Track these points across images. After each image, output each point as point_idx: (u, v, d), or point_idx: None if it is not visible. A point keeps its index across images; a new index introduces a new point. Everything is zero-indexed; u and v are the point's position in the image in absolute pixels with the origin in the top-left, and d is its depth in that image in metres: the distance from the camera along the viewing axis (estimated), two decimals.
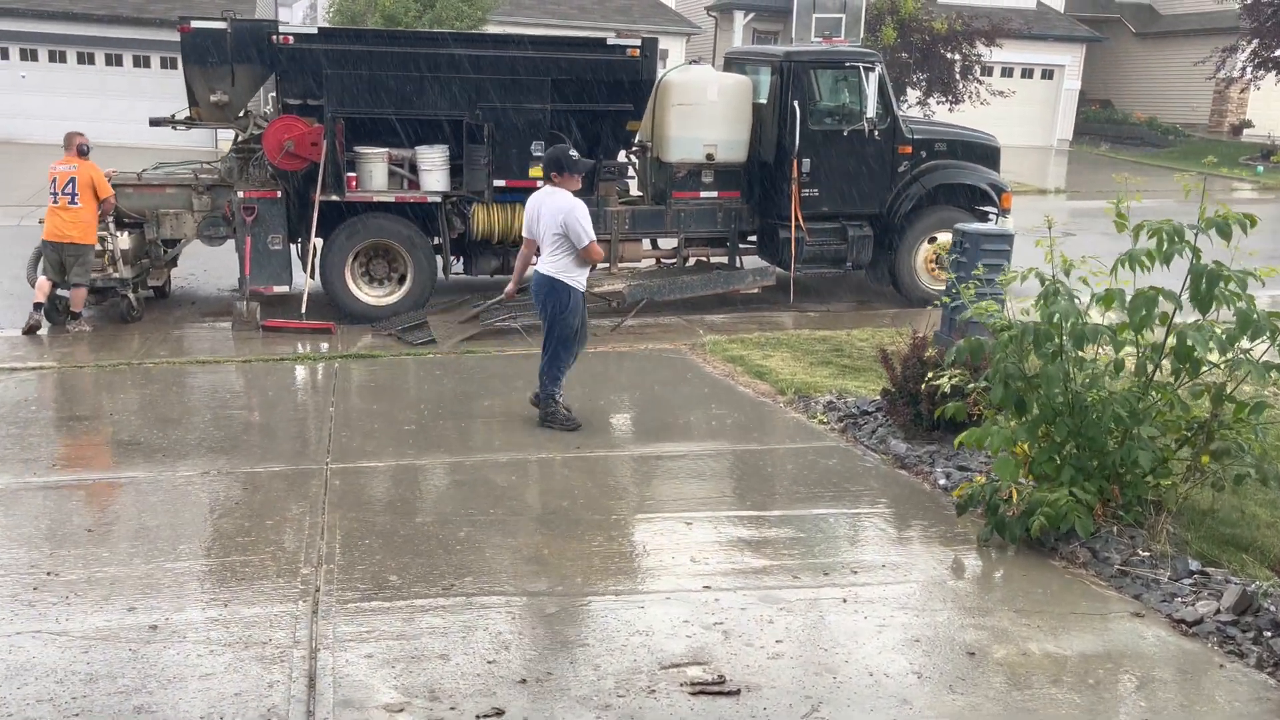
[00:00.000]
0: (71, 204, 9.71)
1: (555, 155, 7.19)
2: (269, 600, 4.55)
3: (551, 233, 6.98)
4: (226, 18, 10.32)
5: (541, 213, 7.05)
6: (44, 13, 24.19)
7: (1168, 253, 5.07)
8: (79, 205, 9.73)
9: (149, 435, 7.00)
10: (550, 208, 6.99)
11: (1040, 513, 5.11)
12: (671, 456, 6.74)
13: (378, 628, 4.32)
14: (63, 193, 9.69)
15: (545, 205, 7.04)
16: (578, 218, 6.89)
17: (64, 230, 9.72)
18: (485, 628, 4.35)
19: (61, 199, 9.69)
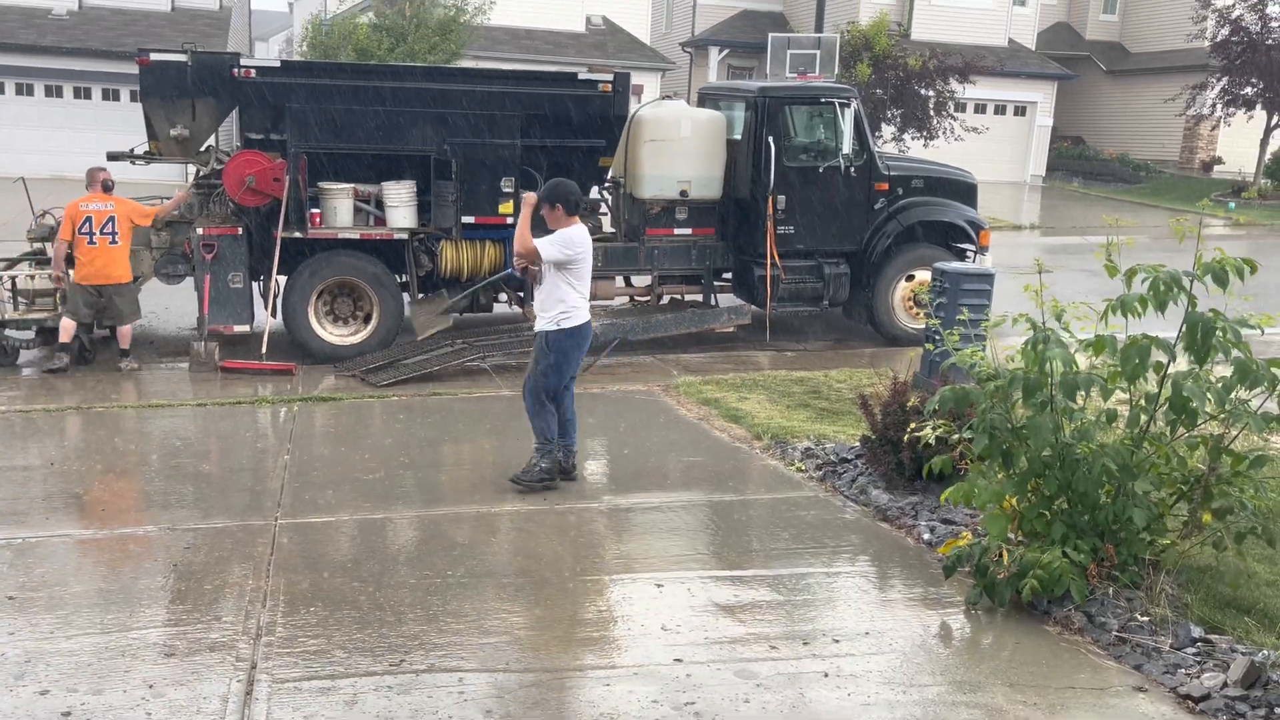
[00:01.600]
0: (113, 243, 9.48)
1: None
2: (199, 679, 4.17)
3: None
4: (187, 50, 10.02)
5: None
6: (12, 45, 23.82)
7: (1163, 300, 4.82)
8: (119, 244, 9.52)
9: (90, 487, 6.61)
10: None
11: (1033, 575, 4.82)
12: (643, 509, 6.41)
13: (317, 712, 3.96)
14: (101, 232, 9.42)
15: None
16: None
17: (107, 270, 9.49)
18: (434, 711, 3.99)
19: (101, 239, 9.42)
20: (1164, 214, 25.21)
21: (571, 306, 6.45)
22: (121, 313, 9.68)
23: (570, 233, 6.41)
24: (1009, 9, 31.78)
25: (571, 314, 6.46)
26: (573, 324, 6.48)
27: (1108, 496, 5.07)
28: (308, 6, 43.20)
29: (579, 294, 6.48)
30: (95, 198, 9.54)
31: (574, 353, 6.60)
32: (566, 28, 29.17)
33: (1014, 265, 15.03)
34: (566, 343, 6.51)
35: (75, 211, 9.43)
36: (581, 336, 6.58)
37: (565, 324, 6.47)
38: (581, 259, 6.44)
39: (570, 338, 6.51)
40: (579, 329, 6.53)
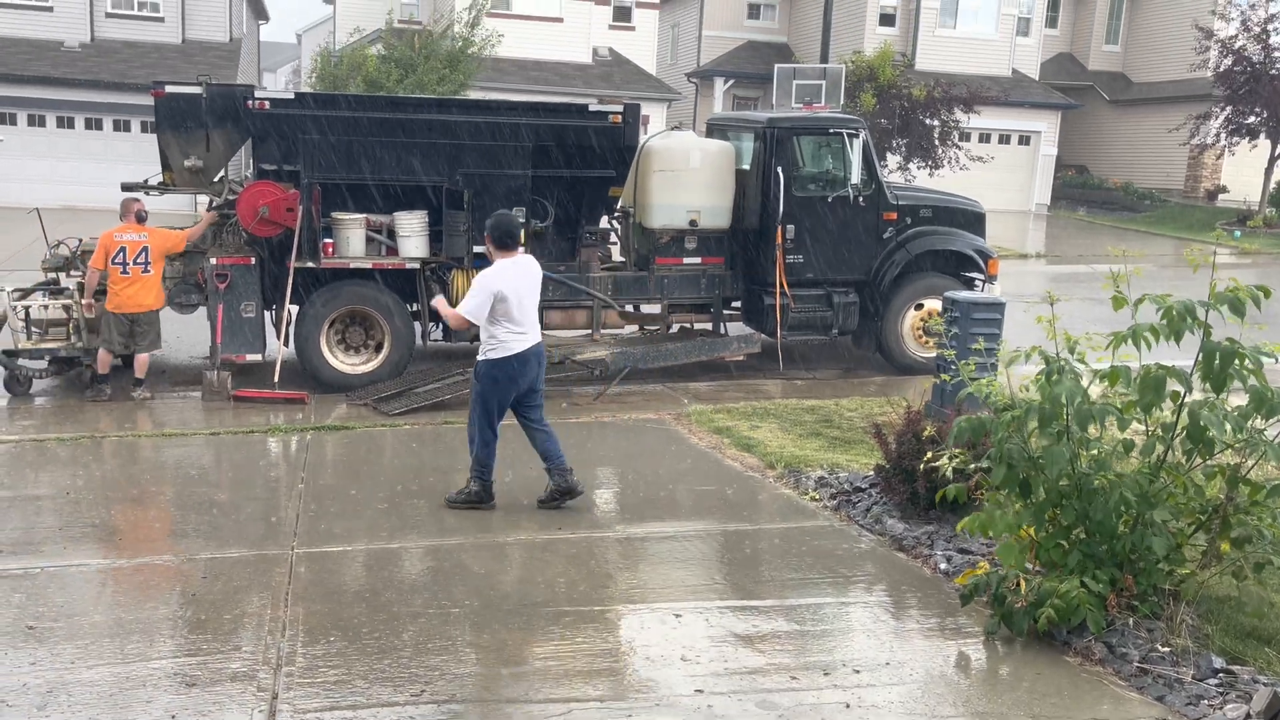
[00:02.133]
0: (145, 272, 9.57)
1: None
2: (221, 710, 4.18)
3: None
4: (201, 82, 10.12)
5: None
6: (25, 77, 24.05)
7: (1177, 330, 4.85)
8: (152, 273, 9.63)
9: (106, 516, 6.63)
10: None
11: (1050, 604, 4.82)
12: (658, 538, 6.42)
13: None
14: (134, 262, 9.51)
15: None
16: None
17: (139, 299, 9.59)
18: None
19: (133, 269, 9.51)
20: (1170, 243, 25.30)
21: (500, 341, 6.57)
22: (143, 341, 9.71)
23: (484, 277, 6.56)
24: (1012, 40, 32.02)
25: (499, 347, 6.58)
26: (498, 356, 6.59)
27: (1125, 526, 5.07)
28: (316, 38, 43.61)
29: (507, 328, 6.56)
30: (129, 228, 9.61)
31: (503, 384, 6.66)
32: (573, 59, 29.41)
33: (1021, 294, 15.07)
34: (491, 373, 6.62)
35: (110, 241, 9.50)
36: (509, 368, 6.62)
37: (491, 355, 6.60)
38: (509, 298, 6.50)
39: (495, 368, 6.61)
40: (504, 361, 6.60)
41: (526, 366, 6.66)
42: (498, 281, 6.49)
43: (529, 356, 6.66)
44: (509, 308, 6.51)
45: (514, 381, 6.67)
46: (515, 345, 6.59)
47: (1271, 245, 25.12)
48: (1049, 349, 5.08)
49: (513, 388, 6.69)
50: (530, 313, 6.66)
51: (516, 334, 6.58)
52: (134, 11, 26.68)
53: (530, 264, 6.80)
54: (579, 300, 11.02)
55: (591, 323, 11.14)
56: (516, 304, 6.54)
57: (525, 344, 6.62)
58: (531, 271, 6.75)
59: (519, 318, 6.57)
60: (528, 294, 6.64)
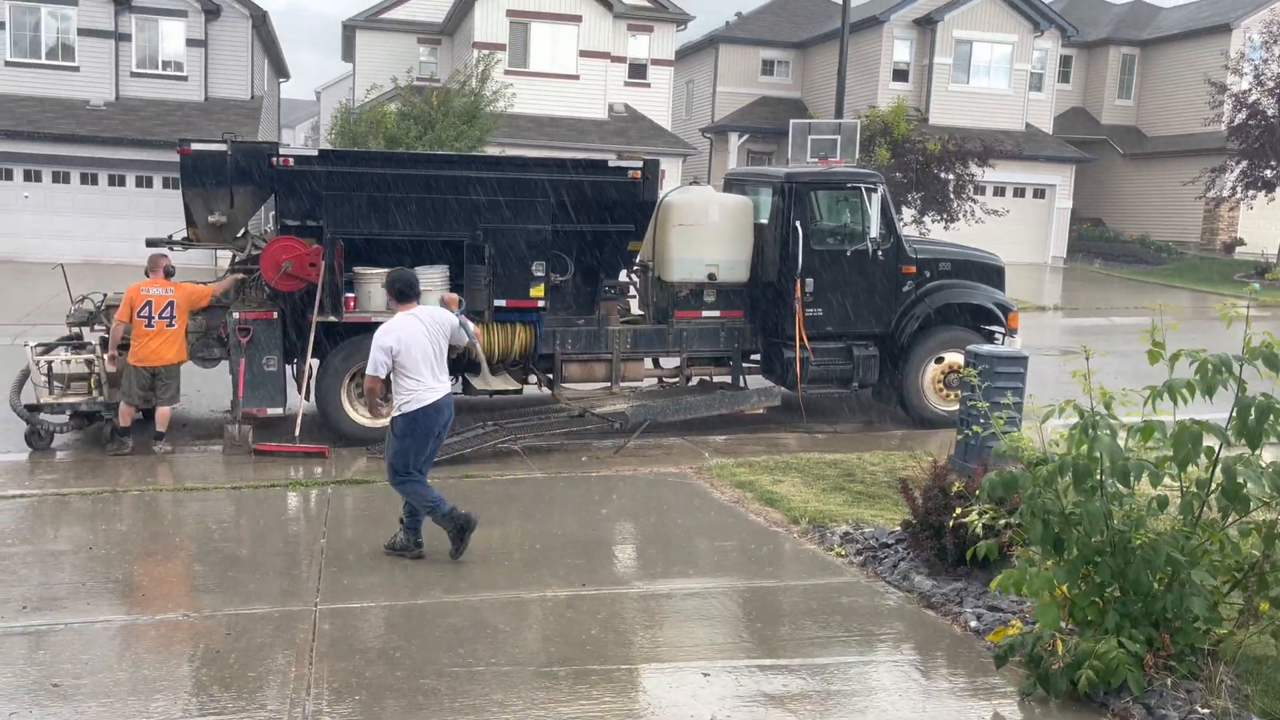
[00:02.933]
0: (169, 326, 9.66)
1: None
2: None
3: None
4: (226, 140, 10.25)
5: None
6: (51, 135, 24.46)
7: (1211, 384, 4.81)
8: (175, 327, 9.71)
9: (129, 571, 6.61)
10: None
11: (1088, 666, 4.73)
12: (683, 594, 6.35)
13: None
14: (159, 316, 9.60)
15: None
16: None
17: (162, 353, 9.66)
18: None
19: (158, 323, 9.59)
20: (1188, 295, 25.25)
21: (409, 392, 6.67)
22: (164, 394, 9.76)
23: (378, 334, 6.69)
24: (1025, 94, 32.27)
25: (411, 400, 6.68)
26: (412, 409, 6.69)
27: (1161, 585, 4.99)
28: (335, 95, 44.30)
29: (415, 380, 6.66)
30: (156, 283, 9.70)
31: (420, 436, 6.75)
32: (590, 115, 29.76)
33: (1040, 346, 15.05)
34: (407, 426, 6.72)
35: (136, 295, 9.58)
36: (425, 419, 6.73)
37: (406, 409, 6.71)
38: (402, 352, 6.61)
39: (410, 422, 6.71)
40: (419, 413, 6.70)
41: (440, 415, 6.80)
42: (389, 337, 6.63)
43: (441, 406, 6.78)
44: (410, 360, 6.64)
45: (430, 432, 6.80)
46: (427, 396, 6.71)
47: None
48: (1080, 402, 5.04)
49: (430, 438, 6.82)
50: (434, 363, 6.77)
51: (425, 385, 6.70)
52: (158, 71, 27.19)
53: (434, 314, 6.92)
54: (598, 353, 11.03)
55: (610, 375, 11.13)
56: (420, 355, 6.66)
57: (436, 394, 6.73)
58: (434, 322, 6.84)
59: (423, 369, 6.69)
60: (430, 345, 6.74)
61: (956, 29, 31.40)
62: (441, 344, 6.85)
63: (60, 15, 26.19)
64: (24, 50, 26.14)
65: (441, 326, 6.87)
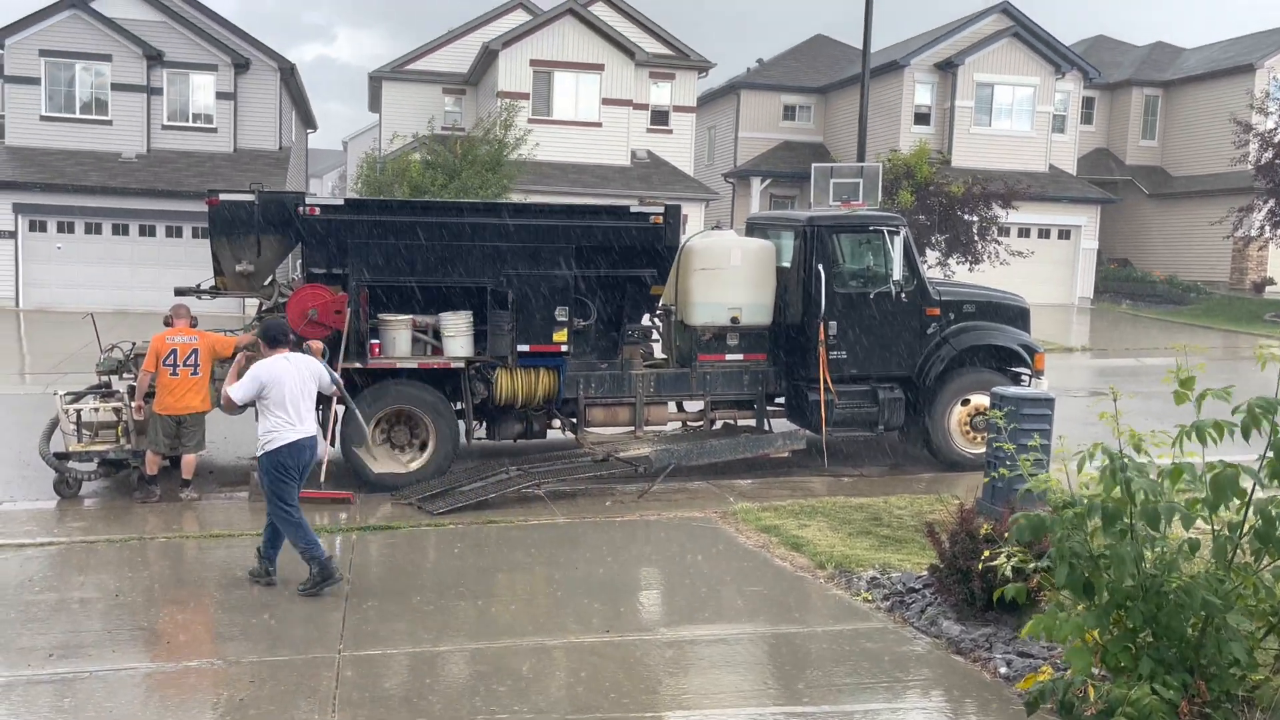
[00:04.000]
0: (194, 374, 9.75)
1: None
2: None
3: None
4: (254, 190, 10.41)
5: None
6: (84, 187, 24.92)
7: (1245, 426, 4.73)
8: (200, 375, 9.80)
9: (155, 620, 6.62)
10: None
11: (1121, 713, 4.63)
12: (708, 640, 6.29)
13: None
14: (184, 364, 9.71)
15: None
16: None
17: (187, 401, 9.74)
18: None
19: (183, 370, 9.70)
20: (1219, 335, 25.02)
21: (271, 430, 7.13)
22: (189, 442, 9.83)
23: (256, 368, 7.20)
24: (1048, 136, 32.30)
25: (274, 438, 7.12)
26: (275, 446, 7.13)
27: (1194, 630, 4.89)
28: (361, 145, 44.92)
29: (278, 418, 7.12)
30: (180, 331, 9.80)
31: (285, 470, 7.17)
32: (613, 161, 30.03)
33: (1067, 388, 14.93)
34: (272, 463, 7.15)
35: (161, 344, 9.68)
36: (286, 455, 7.15)
37: (269, 447, 7.14)
38: (271, 386, 7.09)
39: (274, 458, 7.15)
40: (281, 450, 7.13)
41: (301, 453, 7.22)
42: (264, 371, 7.15)
43: (303, 445, 7.22)
44: (279, 397, 7.10)
45: (293, 467, 7.22)
46: (288, 435, 7.14)
47: None
48: (1108, 444, 4.98)
49: (294, 472, 7.23)
50: (300, 404, 7.21)
51: (287, 424, 7.13)
52: (189, 123, 27.70)
53: (304, 361, 7.46)
54: (621, 397, 11.04)
55: (634, 419, 11.12)
56: (287, 394, 7.12)
57: (297, 434, 7.17)
58: (304, 367, 7.36)
59: (289, 409, 7.13)
60: (298, 387, 7.21)
61: (977, 72, 31.55)
62: (309, 387, 7.34)
63: (94, 70, 26.80)
64: (59, 105, 26.73)
65: (310, 372, 7.40)
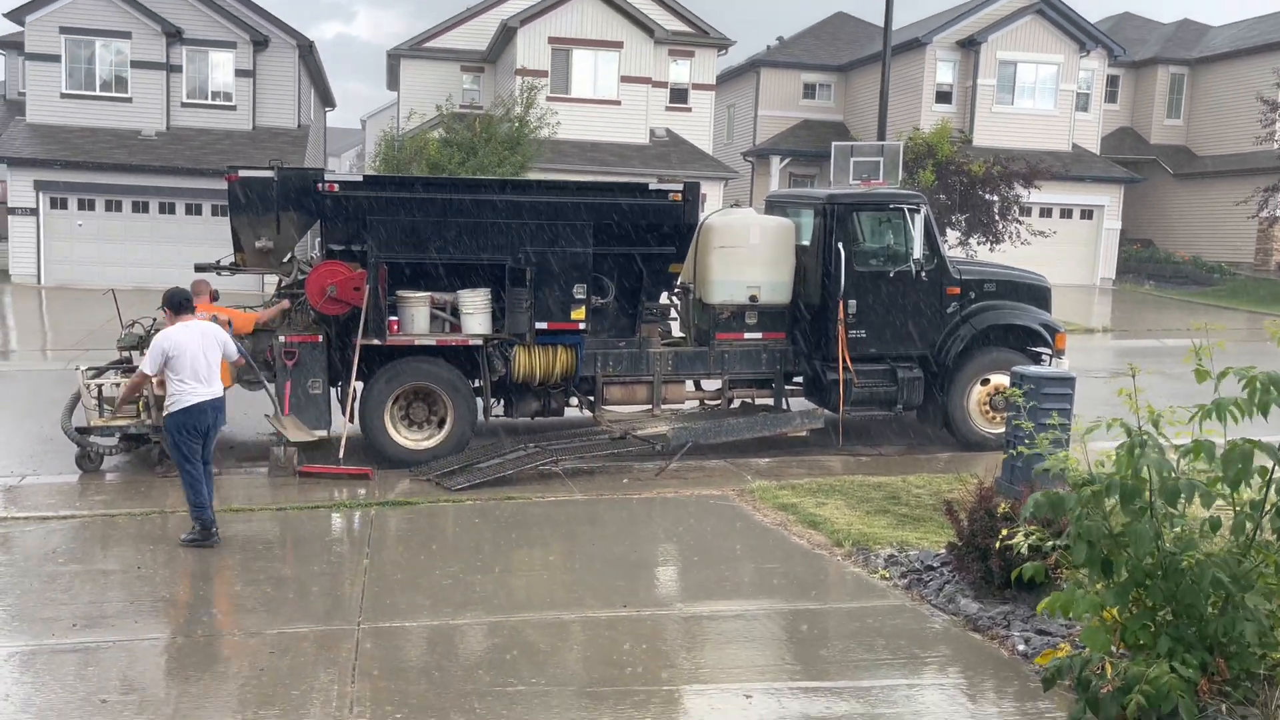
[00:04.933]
0: None
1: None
2: None
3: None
4: (273, 166, 10.43)
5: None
6: (104, 165, 25.05)
7: (1263, 403, 4.69)
8: None
9: (176, 591, 6.69)
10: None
11: (1139, 690, 4.61)
12: (725, 616, 6.30)
13: None
14: None
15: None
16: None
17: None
18: None
19: None
20: (1243, 316, 24.79)
21: (175, 394, 7.53)
22: None
23: (159, 338, 7.59)
24: (1071, 115, 31.98)
25: (176, 400, 7.53)
26: (177, 408, 7.55)
27: (1215, 608, 4.87)
28: (380, 123, 44.94)
29: (182, 383, 7.50)
30: (201, 307, 9.84)
31: (186, 431, 7.57)
32: (631, 140, 29.93)
33: (1088, 369, 14.83)
34: (175, 423, 7.58)
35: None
36: (187, 416, 7.57)
37: (173, 409, 7.56)
38: (174, 353, 7.46)
39: (176, 419, 7.56)
40: (183, 411, 7.55)
41: (203, 415, 7.63)
42: (166, 341, 7.51)
43: (205, 407, 7.62)
44: (182, 362, 7.48)
45: (196, 429, 7.62)
46: (190, 398, 7.53)
47: None
48: (1128, 421, 4.94)
49: (196, 433, 7.62)
50: (204, 369, 7.59)
51: (190, 388, 7.52)
52: (208, 101, 27.76)
53: (207, 328, 7.84)
54: (639, 376, 11.04)
55: (652, 398, 11.12)
56: (190, 361, 7.49)
57: (199, 397, 7.56)
58: (207, 334, 7.74)
59: (192, 373, 7.52)
60: (200, 352, 7.56)
61: (1000, 50, 31.23)
62: (212, 353, 7.70)
63: (114, 48, 26.86)
64: (79, 82, 26.81)
65: (214, 338, 7.79)
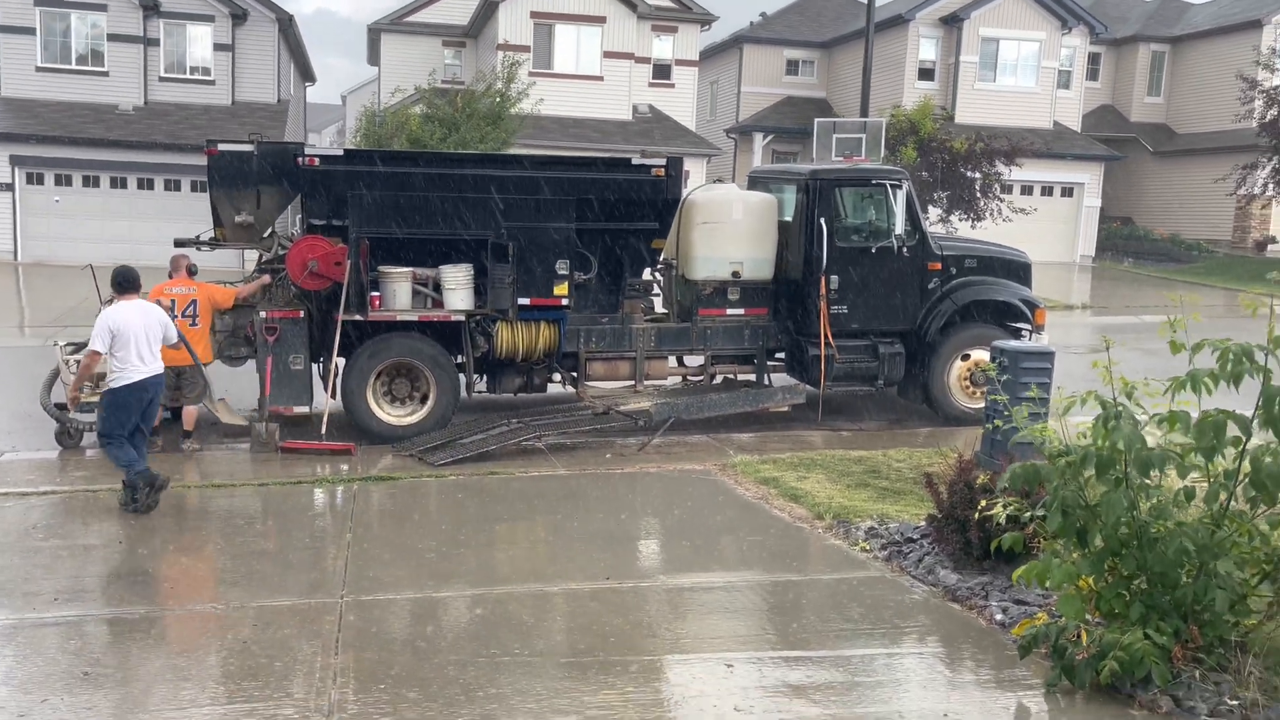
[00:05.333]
0: (192, 325, 9.77)
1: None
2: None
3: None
4: (253, 140, 10.35)
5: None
6: (81, 140, 24.77)
7: (1236, 373, 4.76)
8: (199, 326, 9.83)
9: (158, 565, 6.69)
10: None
11: (1113, 657, 4.70)
12: (707, 588, 6.35)
13: None
14: (182, 315, 9.74)
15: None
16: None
17: (186, 353, 9.63)
18: None
19: (181, 321, 9.67)
20: (1220, 294, 24.97)
21: (117, 371, 7.76)
22: (190, 393, 9.86)
23: (105, 316, 7.77)
24: (1053, 92, 32.03)
25: (119, 377, 7.77)
26: (117, 385, 7.79)
27: (1188, 576, 4.95)
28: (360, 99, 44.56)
29: (124, 360, 7.74)
30: (179, 282, 9.81)
31: (124, 406, 7.81)
32: (614, 116, 29.80)
33: (1068, 345, 14.92)
34: (112, 398, 7.84)
35: (159, 295, 9.68)
36: (126, 393, 7.81)
37: (113, 384, 7.81)
38: (119, 331, 7.67)
39: (114, 394, 7.83)
40: (121, 389, 7.80)
41: (144, 392, 7.89)
42: (110, 320, 7.72)
43: (146, 384, 7.88)
44: (126, 340, 7.70)
45: (131, 405, 7.85)
46: (132, 375, 7.78)
47: None
48: (1103, 393, 5.00)
49: (134, 409, 7.86)
50: (145, 347, 7.82)
51: (131, 366, 7.75)
52: (186, 75, 27.46)
53: (149, 308, 8.09)
54: (622, 351, 11.06)
55: (634, 373, 11.14)
56: (132, 339, 7.72)
57: (139, 374, 7.81)
58: (150, 314, 8.00)
59: (135, 351, 7.75)
60: (143, 332, 7.80)
61: (983, 27, 31.23)
62: (155, 332, 7.93)
63: (90, 21, 26.52)
64: (54, 56, 26.48)
65: (157, 319, 8.02)
